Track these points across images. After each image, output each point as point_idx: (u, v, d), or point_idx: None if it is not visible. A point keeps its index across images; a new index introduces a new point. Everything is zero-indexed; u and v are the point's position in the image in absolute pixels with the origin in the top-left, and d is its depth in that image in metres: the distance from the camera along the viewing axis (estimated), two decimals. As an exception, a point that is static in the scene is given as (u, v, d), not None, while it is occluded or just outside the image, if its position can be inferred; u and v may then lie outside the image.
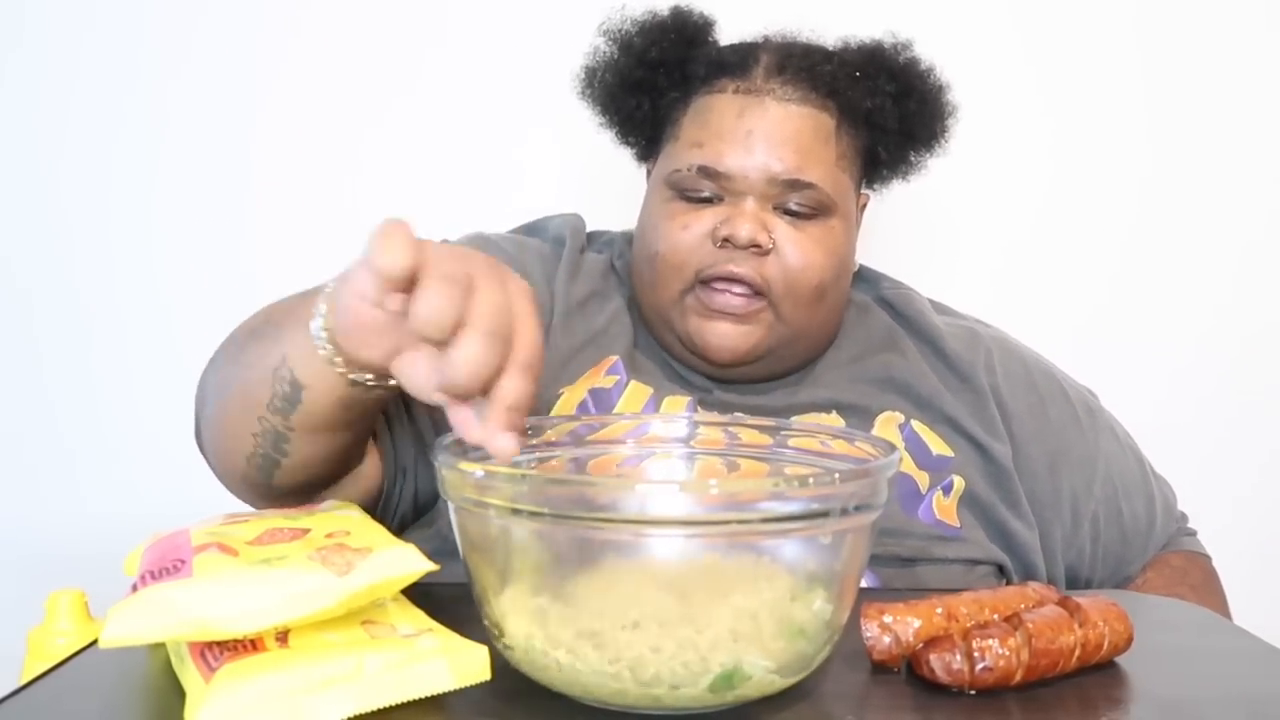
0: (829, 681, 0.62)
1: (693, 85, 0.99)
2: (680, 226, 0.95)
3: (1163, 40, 1.47)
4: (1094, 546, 1.02)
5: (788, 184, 0.93)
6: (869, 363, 1.01)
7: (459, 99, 1.11)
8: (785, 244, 0.94)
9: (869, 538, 0.60)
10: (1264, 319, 1.50)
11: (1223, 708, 0.60)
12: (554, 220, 1.08)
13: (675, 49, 0.99)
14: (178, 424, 1.48)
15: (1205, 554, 1.09)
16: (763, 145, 0.93)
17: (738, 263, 0.93)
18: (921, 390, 0.99)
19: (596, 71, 1.03)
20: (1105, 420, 1.06)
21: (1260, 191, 1.49)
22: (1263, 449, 1.49)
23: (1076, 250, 1.48)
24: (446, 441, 0.62)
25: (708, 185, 0.94)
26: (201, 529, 0.65)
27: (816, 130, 0.95)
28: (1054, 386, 1.04)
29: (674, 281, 0.95)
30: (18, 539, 1.45)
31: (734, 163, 0.93)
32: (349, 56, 1.46)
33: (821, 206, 0.95)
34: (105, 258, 1.48)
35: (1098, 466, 1.02)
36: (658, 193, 0.99)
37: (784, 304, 0.94)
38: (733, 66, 0.97)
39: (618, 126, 1.05)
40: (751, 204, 0.93)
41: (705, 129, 0.96)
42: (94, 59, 1.46)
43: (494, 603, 0.58)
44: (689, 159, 0.95)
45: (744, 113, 0.94)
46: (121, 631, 0.55)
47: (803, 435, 0.72)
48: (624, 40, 1.01)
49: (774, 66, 0.96)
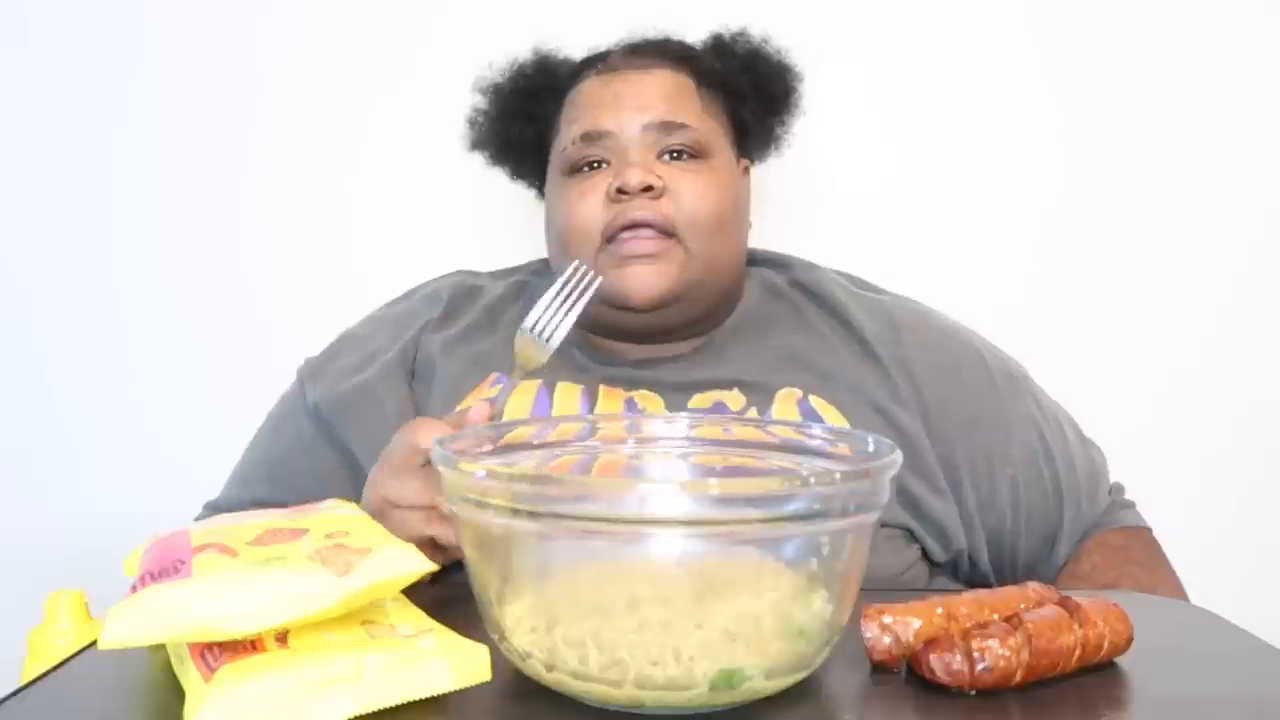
0: (829, 681, 0.62)
1: (562, 92, 1.07)
2: (578, 196, 1.00)
3: (1168, 41, 1.47)
4: (1015, 512, 1.01)
5: (662, 126, 1.00)
6: (771, 341, 1.04)
7: (456, 99, 1.12)
8: (676, 183, 0.99)
9: (869, 537, 0.61)
10: (1267, 320, 1.49)
11: (1223, 708, 0.60)
12: (428, 285, 1.15)
13: (541, 74, 1.09)
14: (177, 424, 1.49)
15: (1145, 525, 1.07)
16: (632, 102, 1.01)
17: (637, 208, 0.97)
18: (823, 364, 1.01)
19: (478, 121, 1.12)
20: (1027, 388, 1.06)
21: (1263, 193, 1.49)
22: (1264, 449, 1.49)
23: (1079, 251, 1.48)
24: (445, 442, 0.62)
25: (592, 150, 1.01)
26: (201, 530, 0.65)
27: (678, 85, 1.03)
28: (969, 353, 1.05)
29: (584, 245, 0.99)
30: (18, 539, 1.45)
31: (609, 121, 1.00)
32: (346, 57, 1.46)
33: (700, 147, 1.01)
34: (104, 258, 1.48)
35: (1013, 430, 1.02)
36: (553, 184, 1.05)
37: (690, 239, 0.99)
38: (591, 61, 1.07)
39: (510, 161, 1.12)
40: (635, 153, 1.00)
41: (577, 107, 1.04)
42: (91, 60, 1.46)
43: (495, 602, 0.58)
44: (570, 135, 1.02)
45: (608, 84, 1.03)
46: (121, 632, 0.55)
47: (783, 428, 0.72)
48: (494, 87, 1.11)
49: (629, 50, 1.06)
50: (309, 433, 1.05)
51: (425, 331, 1.08)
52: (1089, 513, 1.05)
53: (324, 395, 1.05)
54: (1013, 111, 1.46)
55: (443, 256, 1.22)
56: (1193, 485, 1.13)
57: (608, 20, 1.10)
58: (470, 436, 0.70)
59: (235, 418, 1.12)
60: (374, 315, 1.15)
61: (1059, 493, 1.03)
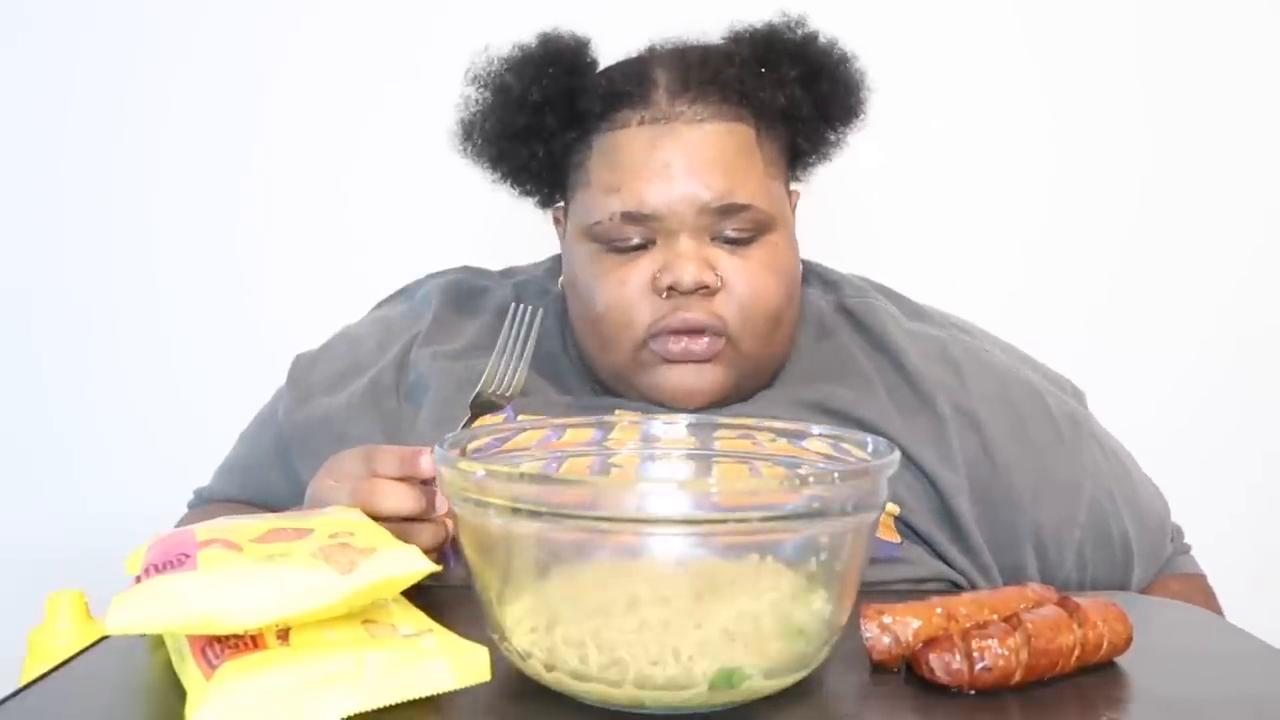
0: (829, 681, 0.62)
1: (590, 123, 0.90)
2: (617, 282, 0.88)
3: (1163, 41, 1.47)
4: (1080, 574, 0.95)
5: (720, 211, 0.86)
6: (813, 389, 0.94)
7: (455, 99, 1.12)
8: (733, 277, 0.87)
9: (869, 537, 0.61)
10: (1265, 320, 1.50)
11: (1223, 708, 0.60)
12: (427, 282, 1.05)
13: (556, 84, 0.90)
14: (176, 424, 1.49)
15: (1200, 573, 1.04)
16: (684, 175, 0.85)
17: (688, 308, 0.86)
18: (864, 417, 0.91)
19: (474, 124, 0.94)
20: (1090, 429, 0.98)
21: (1261, 193, 1.49)
22: (1263, 450, 1.49)
23: (1077, 252, 1.48)
24: (448, 441, 0.62)
25: (634, 230, 0.87)
26: (205, 527, 0.65)
27: (738, 145, 0.88)
28: (1034, 402, 0.96)
29: (624, 342, 0.89)
30: (18, 539, 1.45)
31: (658, 201, 0.86)
32: (346, 58, 1.46)
33: (760, 225, 0.88)
34: (103, 258, 1.48)
35: (1083, 490, 0.94)
36: (581, 247, 0.91)
37: (742, 339, 0.89)
38: (630, 95, 0.88)
39: (510, 178, 0.96)
40: (686, 242, 0.86)
41: (618, 170, 0.87)
42: (92, 59, 1.46)
43: (495, 602, 0.58)
44: (608, 207, 0.87)
45: (656, 144, 0.86)
46: (126, 619, 0.55)
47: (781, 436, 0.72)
48: (497, 84, 0.92)
49: (676, 84, 0.88)
50: (272, 449, 1.01)
51: (416, 344, 0.98)
52: (1153, 567, 1.00)
53: (288, 416, 0.99)
54: (1006, 110, 1.46)
55: (444, 257, 1.21)
56: (1192, 486, 1.13)
57: (616, 20, 1.07)
58: (477, 437, 0.70)
59: (235, 418, 1.12)
60: (376, 315, 1.08)
61: (1127, 552, 0.96)
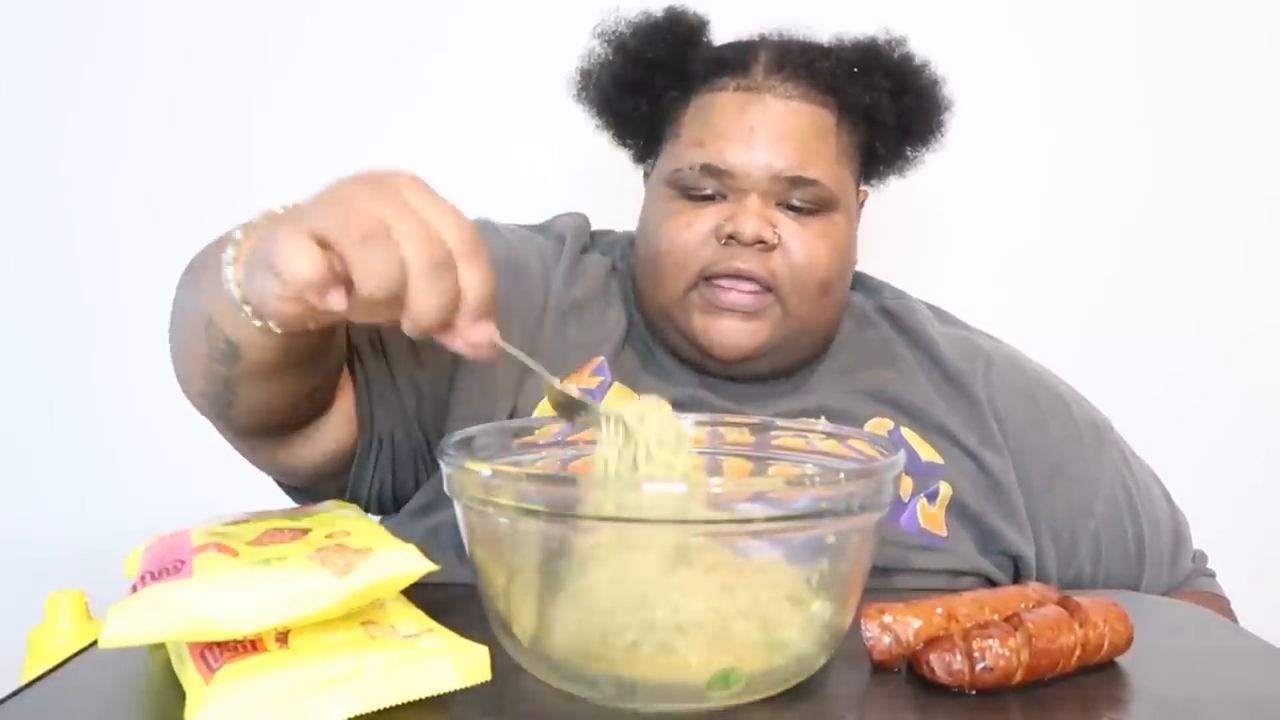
0: (829, 681, 0.62)
1: (692, 84, 0.98)
2: (684, 224, 0.94)
3: (1161, 42, 1.47)
4: (1094, 567, 0.99)
5: (791, 180, 0.93)
6: (861, 376, 1.00)
7: (460, 100, 1.12)
8: (790, 239, 0.93)
9: (873, 538, 0.60)
10: (1262, 319, 1.50)
11: (1223, 708, 0.60)
12: (559, 220, 1.07)
13: (671, 49, 0.99)
14: (178, 424, 1.48)
15: (1223, 595, 1.05)
16: (765, 141, 0.93)
17: (743, 259, 0.92)
18: (914, 402, 0.97)
19: (592, 74, 1.03)
20: (1114, 440, 1.03)
21: (1258, 192, 1.49)
22: (1262, 449, 1.49)
23: (1075, 251, 1.48)
24: (452, 441, 0.62)
25: (710, 183, 0.94)
26: (201, 530, 0.65)
27: (817, 126, 0.95)
28: (1057, 403, 1.01)
29: (678, 279, 0.95)
30: (18, 539, 1.45)
31: (737, 160, 0.93)
32: (352, 59, 1.46)
33: (824, 202, 0.94)
34: (106, 258, 1.47)
35: (1100, 484, 0.99)
36: (659, 191, 0.98)
37: (791, 299, 0.94)
38: (732, 64, 0.97)
39: (615, 128, 1.05)
40: (755, 201, 0.93)
41: (707, 127, 0.95)
42: (97, 60, 1.46)
43: (501, 600, 0.58)
44: (691, 157, 0.95)
45: (746, 109, 0.94)
46: (121, 631, 0.55)
47: (790, 434, 0.72)
48: (619, 42, 1.01)
49: (773, 63, 0.96)
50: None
51: (551, 280, 0.99)
52: (1169, 578, 1.02)
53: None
54: (1006, 114, 1.46)
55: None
56: (1191, 486, 1.13)
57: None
58: (489, 434, 0.69)
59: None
60: (517, 230, 1.04)
61: (1141, 551, 1.00)
